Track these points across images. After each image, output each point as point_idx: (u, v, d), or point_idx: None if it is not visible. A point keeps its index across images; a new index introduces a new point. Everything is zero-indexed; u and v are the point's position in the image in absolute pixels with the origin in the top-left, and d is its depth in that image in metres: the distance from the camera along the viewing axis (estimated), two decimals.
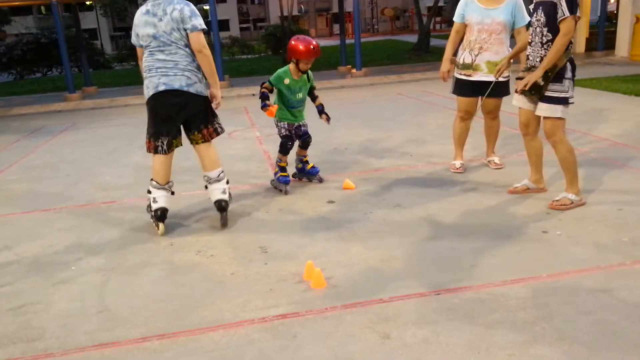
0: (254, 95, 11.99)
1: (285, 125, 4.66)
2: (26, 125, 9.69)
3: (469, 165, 5.10)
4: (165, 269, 3.33)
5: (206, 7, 41.61)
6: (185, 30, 3.70)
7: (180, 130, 3.98)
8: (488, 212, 3.94)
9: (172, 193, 4.06)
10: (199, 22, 3.72)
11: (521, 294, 2.74)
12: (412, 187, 4.63)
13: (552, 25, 3.68)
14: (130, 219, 4.29)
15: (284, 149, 4.64)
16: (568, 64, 3.76)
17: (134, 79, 17.27)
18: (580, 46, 16.89)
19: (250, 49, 27.41)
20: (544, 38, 3.75)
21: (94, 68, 21.25)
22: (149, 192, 3.97)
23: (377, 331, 2.50)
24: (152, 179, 3.96)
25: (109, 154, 6.79)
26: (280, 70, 4.54)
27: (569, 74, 3.77)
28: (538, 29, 3.79)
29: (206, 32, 3.87)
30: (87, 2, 30.24)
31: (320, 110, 4.72)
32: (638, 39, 13.84)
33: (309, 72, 4.61)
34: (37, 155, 7.05)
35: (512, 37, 4.66)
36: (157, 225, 3.90)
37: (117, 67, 23.98)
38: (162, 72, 3.72)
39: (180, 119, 3.88)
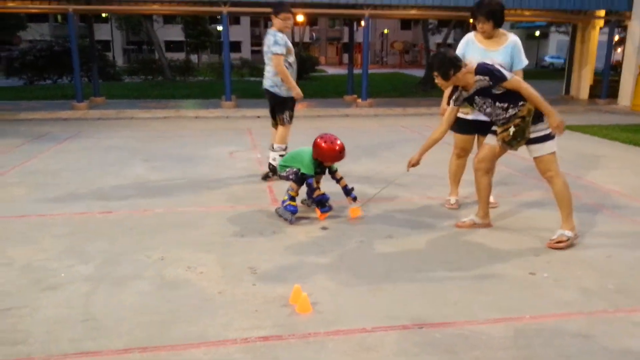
0: (258, 117, 12.15)
1: (312, 182, 4.64)
2: (32, 130, 9.80)
3: (463, 201, 5.15)
4: (153, 283, 3.36)
5: (219, 28, 42.35)
6: (270, 52, 5.61)
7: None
8: (478, 249, 3.98)
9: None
10: (275, 49, 5.55)
11: (503, 334, 2.77)
12: (405, 219, 4.67)
13: (503, 98, 3.86)
14: (125, 231, 4.33)
15: (299, 181, 4.60)
16: None
17: (143, 92, 17.51)
18: (584, 93, 17.13)
19: (260, 72, 27.73)
20: (502, 107, 3.90)
21: (104, 79, 21.51)
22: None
23: (357, 359, 2.51)
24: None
25: (112, 164, 6.86)
26: (308, 160, 4.57)
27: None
28: (490, 110, 3.96)
29: (278, 54, 5.57)
30: (103, 15, 30.81)
31: (347, 191, 4.71)
32: None
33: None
34: (39, 160, 7.12)
35: None
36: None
37: (127, 80, 24.26)
38: (265, 76, 5.94)
39: (271, 106, 6.02)
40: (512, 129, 3.89)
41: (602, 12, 15.49)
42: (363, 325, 2.83)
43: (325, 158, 4.52)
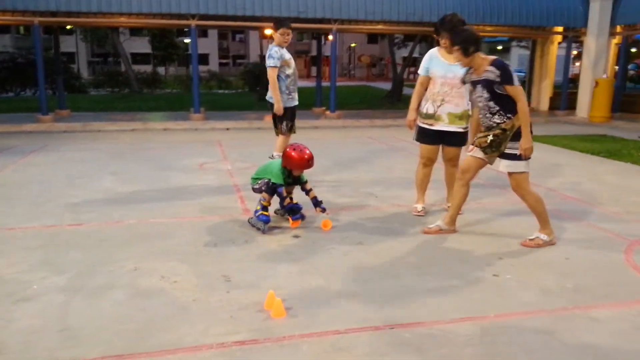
0: (227, 129, 12.19)
1: (282, 189, 4.66)
2: None
3: (429, 209, 5.32)
4: (128, 292, 3.38)
5: (187, 40, 42.17)
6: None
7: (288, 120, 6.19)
8: (445, 253, 4.13)
9: None
10: (269, 62, 5.90)
11: (469, 332, 2.90)
12: (374, 227, 4.81)
13: (496, 98, 4.05)
14: (96, 243, 4.33)
15: (271, 191, 4.67)
16: None
17: (110, 105, 17.34)
18: (544, 105, 17.76)
19: (228, 85, 27.76)
20: (492, 109, 4.09)
21: (70, 92, 21.18)
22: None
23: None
24: None
25: (79, 177, 6.80)
26: (276, 171, 4.64)
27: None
28: (483, 104, 4.14)
29: (271, 66, 5.88)
30: (68, 27, 30.32)
31: (317, 203, 4.74)
32: (597, 102, 14.66)
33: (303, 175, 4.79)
34: (5, 174, 7.01)
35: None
36: None
37: (93, 92, 23.93)
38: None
39: (271, 115, 6.28)
40: (490, 137, 4.11)
41: (559, 28, 16.14)
42: (336, 327, 2.92)
43: (295, 166, 4.62)
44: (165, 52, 36.97)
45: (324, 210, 4.76)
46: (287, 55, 6.04)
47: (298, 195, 4.94)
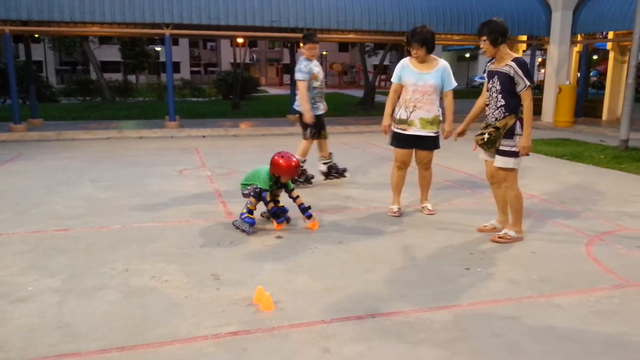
0: (204, 137, 12.30)
1: (266, 194, 4.83)
2: None
3: (405, 210, 5.59)
4: (121, 292, 3.54)
5: (157, 48, 41.89)
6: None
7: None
8: (420, 250, 4.39)
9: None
10: (298, 76, 6.47)
11: (444, 319, 3.15)
12: (353, 227, 5.04)
13: (505, 93, 4.33)
14: (84, 247, 4.45)
15: (257, 196, 4.84)
16: (518, 122, 4.38)
17: (82, 114, 17.21)
18: None
19: (201, 92, 27.76)
20: (498, 103, 4.39)
21: (40, 101, 20.86)
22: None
23: (319, 346, 2.82)
24: None
25: (59, 185, 6.86)
26: (264, 176, 4.83)
27: (518, 131, 4.39)
28: (494, 94, 4.42)
29: (300, 80, 6.43)
30: (36, 35, 29.89)
31: (303, 209, 4.92)
32: (561, 107, 15.26)
33: (290, 182, 4.98)
34: None
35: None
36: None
37: (64, 101, 23.66)
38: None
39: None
40: (486, 135, 4.44)
41: (524, 37, 16.75)
42: (322, 318, 3.14)
43: (282, 173, 4.81)
44: (136, 60, 36.59)
45: (309, 217, 4.93)
46: (316, 69, 6.56)
47: (284, 199, 5.14)
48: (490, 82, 4.49)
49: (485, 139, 4.47)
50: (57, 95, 24.53)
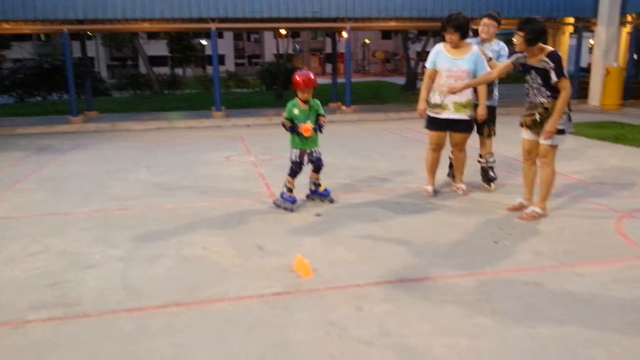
0: (248, 126, 12.77)
1: (297, 152, 5.19)
2: (33, 144, 10.30)
3: (440, 190, 5.81)
4: (176, 260, 3.96)
5: (203, 41, 42.89)
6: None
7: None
8: (451, 226, 4.63)
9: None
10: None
11: (469, 284, 3.41)
12: (389, 206, 5.32)
13: (548, 86, 4.52)
14: (143, 223, 4.91)
15: (292, 173, 5.20)
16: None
17: (133, 106, 18.05)
18: None
19: (246, 84, 28.40)
20: (543, 94, 4.56)
21: (94, 95, 21.95)
22: None
23: (352, 305, 3.14)
24: None
25: (117, 171, 7.42)
26: (289, 104, 5.16)
27: (566, 110, 4.57)
28: (535, 88, 4.61)
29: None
30: (89, 33, 31.24)
31: (318, 125, 5.16)
32: (608, 90, 14.94)
33: (317, 102, 5.21)
34: (49, 169, 7.66)
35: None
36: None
37: (116, 95, 24.76)
38: None
39: None
40: (536, 116, 4.62)
41: (570, 19, 16.41)
42: (356, 282, 3.46)
43: (298, 85, 4.99)
44: (182, 54, 37.73)
45: (315, 129, 5.10)
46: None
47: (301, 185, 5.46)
48: (529, 75, 4.66)
49: (537, 120, 4.63)
50: (109, 89, 25.68)
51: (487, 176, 5.90)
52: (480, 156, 5.91)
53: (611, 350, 2.64)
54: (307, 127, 5.01)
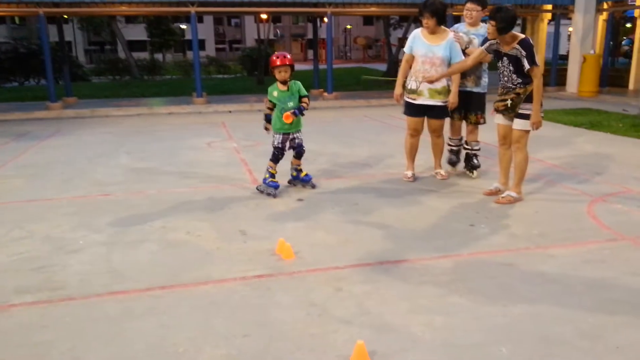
0: (230, 112, 12.75)
1: (280, 137, 5.24)
2: (12, 130, 10.17)
3: (419, 176, 5.93)
4: (160, 244, 4.01)
5: (183, 26, 42.33)
6: None
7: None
8: (429, 210, 4.75)
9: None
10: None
11: (445, 265, 3.54)
12: (369, 191, 5.42)
13: (520, 73, 4.61)
14: (125, 208, 4.94)
15: (275, 158, 5.24)
16: None
17: (113, 92, 17.84)
18: None
19: (227, 69, 28.19)
20: (515, 81, 4.66)
21: (72, 80, 21.60)
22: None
23: (332, 286, 3.24)
24: None
25: (98, 157, 7.39)
26: (269, 88, 5.21)
27: None
28: (506, 73, 4.71)
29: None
30: (65, 16, 30.64)
31: (299, 109, 5.15)
32: (585, 77, 15.19)
33: (297, 83, 5.22)
34: (28, 155, 7.60)
35: None
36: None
37: (95, 80, 24.40)
38: None
39: None
40: (508, 102, 4.73)
41: (549, 6, 16.60)
42: (336, 264, 3.56)
43: (275, 61, 5.03)
44: (162, 39, 37.24)
45: (295, 114, 5.11)
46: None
47: (283, 172, 5.53)
48: (500, 62, 4.77)
49: (509, 105, 4.74)
50: (88, 74, 25.29)
51: (471, 163, 5.92)
52: (466, 143, 5.95)
53: (579, 326, 2.78)
54: (286, 114, 5.06)
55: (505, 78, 4.74)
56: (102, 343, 2.68)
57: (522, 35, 4.65)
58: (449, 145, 6.01)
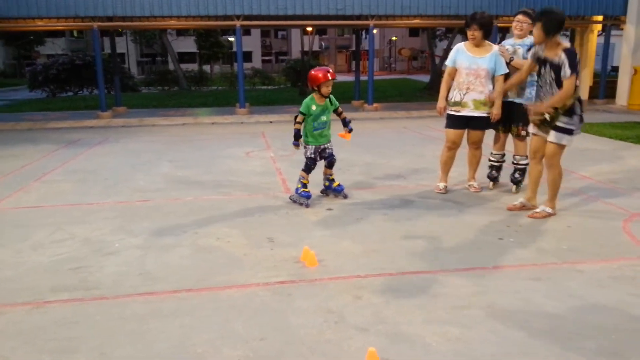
0: (271, 122, 12.99)
1: (312, 148, 5.36)
2: (63, 137, 10.70)
3: (452, 188, 5.90)
4: (191, 249, 4.16)
5: (231, 38, 43.33)
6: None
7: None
8: (459, 222, 4.73)
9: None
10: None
11: (468, 278, 3.53)
12: (399, 202, 5.44)
13: (559, 82, 4.54)
14: (163, 214, 5.14)
15: (307, 168, 5.36)
16: (577, 102, 4.60)
17: (161, 102, 18.46)
18: (584, 93, 17.73)
19: (271, 81, 28.68)
20: (554, 90, 4.57)
21: (123, 90, 22.50)
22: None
23: (351, 294, 3.29)
24: None
25: (142, 164, 7.70)
26: (306, 100, 5.30)
27: (578, 111, 4.62)
28: (548, 84, 4.64)
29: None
30: (119, 30, 31.97)
31: (345, 123, 5.45)
32: (636, 89, 14.68)
33: (331, 96, 5.34)
34: (77, 162, 7.99)
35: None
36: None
37: (145, 91, 25.30)
38: None
39: None
40: (547, 116, 4.63)
41: (599, 17, 16.15)
42: (358, 273, 3.60)
43: (318, 79, 5.15)
44: (210, 51, 38.24)
45: (350, 130, 5.46)
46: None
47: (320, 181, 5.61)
48: (542, 68, 4.69)
49: (547, 119, 4.67)
50: (138, 85, 26.27)
51: (512, 177, 5.80)
52: (513, 156, 5.80)
53: (600, 343, 2.72)
54: (345, 135, 5.41)
55: (547, 87, 4.64)
56: (127, 341, 2.82)
57: (568, 44, 4.58)
58: (490, 160, 5.95)
